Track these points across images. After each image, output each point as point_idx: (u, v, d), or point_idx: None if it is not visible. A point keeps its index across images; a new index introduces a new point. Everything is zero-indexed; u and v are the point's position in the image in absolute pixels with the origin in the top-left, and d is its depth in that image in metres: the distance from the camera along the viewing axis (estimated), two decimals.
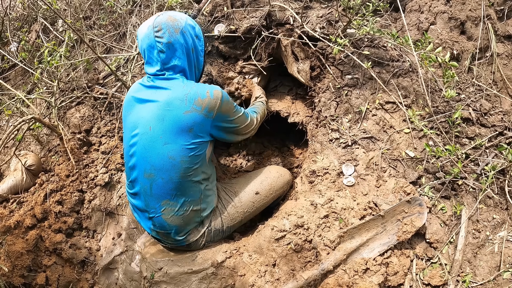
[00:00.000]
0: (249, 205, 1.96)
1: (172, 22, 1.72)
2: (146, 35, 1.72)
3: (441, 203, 2.01)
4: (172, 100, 1.69)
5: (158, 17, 1.73)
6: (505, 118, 2.14)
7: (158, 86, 1.75)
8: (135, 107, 1.81)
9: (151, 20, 1.75)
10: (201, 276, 1.86)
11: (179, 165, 1.72)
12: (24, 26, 2.84)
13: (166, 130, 1.69)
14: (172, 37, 1.71)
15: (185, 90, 1.70)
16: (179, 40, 1.73)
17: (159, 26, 1.70)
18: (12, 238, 2.09)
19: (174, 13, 1.81)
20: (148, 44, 1.72)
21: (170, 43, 1.71)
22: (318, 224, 1.90)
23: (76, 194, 2.22)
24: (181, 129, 1.69)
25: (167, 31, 1.70)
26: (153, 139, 1.72)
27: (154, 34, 1.70)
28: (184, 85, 1.72)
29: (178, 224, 1.81)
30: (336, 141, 2.18)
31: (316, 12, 2.36)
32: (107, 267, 2.09)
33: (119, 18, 2.62)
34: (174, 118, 1.68)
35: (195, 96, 1.69)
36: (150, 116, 1.72)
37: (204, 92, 1.71)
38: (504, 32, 2.28)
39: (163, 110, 1.70)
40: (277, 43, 2.37)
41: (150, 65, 1.79)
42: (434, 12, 2.30)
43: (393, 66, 2.21)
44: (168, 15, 1.75)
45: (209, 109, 1.71)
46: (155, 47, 1.71)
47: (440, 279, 1.86)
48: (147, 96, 1.76)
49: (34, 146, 2.53)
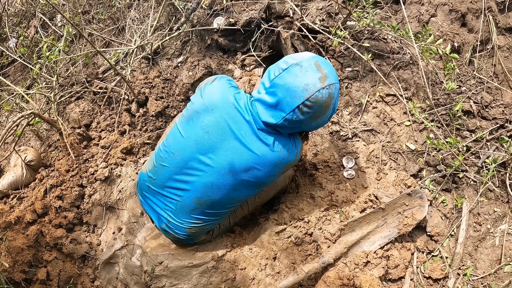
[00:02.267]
0: (252, 200, 1.96)
1: (325, 108, 1.48)
2: (295, 92, 1.43)
3: (442, 196, 2.00)
4: (265, 163, 1.57)
5: (321, 91, 1.42)
6: (506, 111, 2.13)
7: (257, 133, 1.56)
8: (223, 127, 1.58)
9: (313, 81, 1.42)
10: (201, 270, 1.86)
11: (236, 202, 1.72)
12: (23, 22, 2.83)
13: (243, 182, 1.61)
14: (310, 120, 1.49)
15: (280, 155, 1.57)
16: (311, 124, 1.55)
17: (313, 104, 1.43)
18: (12, 233, 2.08)
19: (336, 91, 1.50)
20: (288, 101, 1.45)
21: (303, 122, 1.50)
22: (319, 217, 1.90)
23: (76, 189, 2.21)
24: (257, 185, 1.65)
25: (312, 113, 1.46)
26: (225, 183, 1.62)
27: (301, 103, 1.43)
28: (281, 147, 1.57)
29: (197, 235, 1.83)
30: (336, 134, 2.17)
31: (316, 5, 2.34)
32: (107, 262, 2.08)
33: (117, 12, 2.61)
34: (258, 177, 1.60)
35: (285, 161, 1.60)
36: (235, 161, 1.58)
37: (294, 156, 1.62)
38: (505, 25, 2.26)
39: (252, 166, 1.57)
40: (276, 36, 2.36)
41: (266, 104, 1.53)
42: (434, 4, 2.28)
43: (393, 59, 2.20)
44: (329, 95, 1.45)
45: (288, 167, 1.67)
46: (289, 112, 1.47)
47: (441, 272, 1.85)
48: (242, 132, 1.57)
49: (34, 141, 2.53)
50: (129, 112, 2.39)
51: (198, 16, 2.39)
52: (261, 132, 1.56)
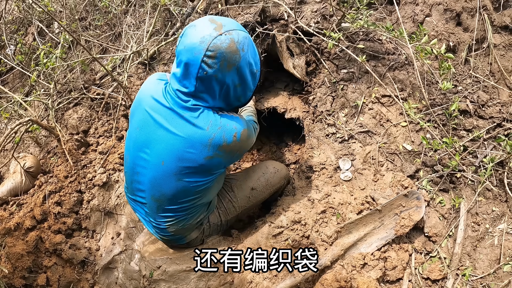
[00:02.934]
0: (245, 200, 1.96)
1: (231, 54, 1.38)
2: (193, 47, 1.37)
3: (439, 196, 1.99)
4: (193, 143, 1.49)
5: (218, 38, 1.35)
6: (503, 110, 2.12)
7: (180, 114, 1.49)
8: (148, 120, 1.57)
9: (208, 32, 1.37)
10: (199, 274, 1.86)
11: (192, 194, 1.65)
12: (21, 29, 2.86)
13: (182, 170, 1.55)
14: (220, 72, 1.40)
15: (209, 133, 1.48)
16: (227, 77, 1.43)
17: (215, 52, 1.36)
18: (12, 240, 2.10)
19: (239, 35, 1.42)
20: (191, 60, 1.39)
21: (215, 77, 1.41)
22: (316, 220, 1.89)
23: (75, 195, 2.22)
24: (199, 170, 1.56)
25: (219, 63, 1.37)
26: (166, 174, 1.58)
27: (203, 56, 1.36)
28: (210, 125, 1.48)
29: (181, 232, 1.83)
30: (332, 136, 2.17)
31: (311, 7, 2.34)
32: (107, 267, 2.09)
33: (114, 18, 2.63)
34: (193, 161, 1.52)
35: (220, 141, 1.49)
36: (165, 150, 1.54)
37: (231, 137, 1.50)
38: (501, 23, 2.26)
39: (181, 150, 1.51)
40: (272, 39, 2.37)
41: (178, 78, 1.48)
42: (429, 4, 2.28)
43: (388, 59, 2.20)
44: (231, 39, 1.37)
45: (233, 152, 1.56)
46: (196, 70, 1.39)
47: (440, 273, 1.84)
48: (164, 119, 1.52)
49: (33, 148, 2.55)
50: (126, 117, 2.41)
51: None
52: (185, 111, 1.49)
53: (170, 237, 1.84)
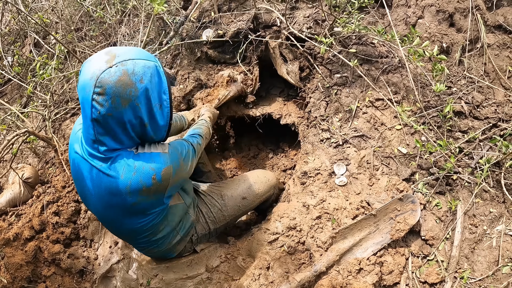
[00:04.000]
0: (235, 208, 1.96)
1: (122, 88, 1.20)
2: (85, 85, 1.22)
3: (435, 199, 1.98)
4: (114, 193, 1.36)
5: (107, 71, 1.20)
6: (498, 110, 2.11)
7: (93, 165, 1.35)
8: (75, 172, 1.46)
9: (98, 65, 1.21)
10: (196, 281, 1.87)
11: (143, 232, 1.57)
12: (18, 41, 2.89)
13: (119, 215, 1.46)
14: (115, 109, 1.22)
15: (125, 181, 1.32)
16: (124, 115, 1.25)
17: (103, 88, 1.19)
18: (11, 250, 2.12)
19: (136, 64, 1.24)
20: (83, 98, 1.24)
21: (109, 115, 1.23)
22: (311, 226, 1.89)
23: (73, 205, 2.24)
24: (134, 213, 1.46)
25: (110, 100, 1.20)
26: (108, 220, 1.54)
27: (92, 93, 1.20)
28: (123, 172, 1.32)
29: (163, 252, 1.82)
30: (327, 141, 2.17)
31: (303, 12, 2.35)
32: (105, 276, 2.11)
33: (109, 29, 2.65)
34: (122, 208, 1.42)
35: (138, 186, 1.34)
36: (96, 202, 1.45)
37: (150, 180, 1.34)
38: (494, 22, 2.25)
39: (107, 201, 1.40)
40: (265, 46, 2.38)
41: (84, 125, 1.33)
42: (421, 5, 2.27)
43: (382, 63, 2.20)
44: (123, 71, 1.21)
45: (160, 191, 1.41)
46: (90, 111, 1.23)
47: (437, 276, 1.83)
48: (85, 172, 1.39)
49: (31, 158, 2.57)
50: None
51: (187, 30, 2.41)
52: (97, 162, 1.34)
53: (156, 255, 1.86)
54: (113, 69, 1.20)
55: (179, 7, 2.49)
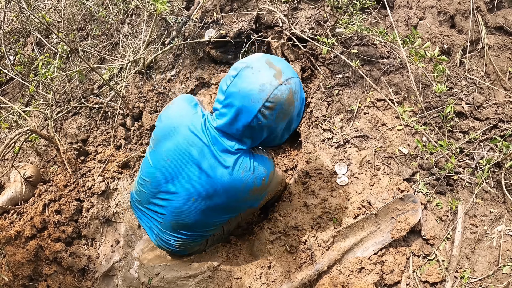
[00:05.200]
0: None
1: (288, 105, 1.35)
2: (251, 95, 1.31)
3: (436, 199, 1.99)
4: (227, 188, 1.47)
5: (278, 88, 1.30)
6: (499, 111, 2.12)
7: (218, 156, 1.44)
8: (182, 153, 1.50)
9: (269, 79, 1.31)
10: (198, 280, 1.87)
11: (211, 226, 1.68)
12: (20, 40, 2.90)
13: (211, 208, 1.54)
14: (275, 123, 1.37)
15: (243, 179, 1.45)
16: (280, 126, 1.42)
17: (274, 104, 1.32)
18: (12, 248, 2.13)
19: (296, 86, 1.39)
20: (246, 108, 1.33)
21: (268, 127, 1.38)
22: (312, 225, 1.90)
23: (74, 203, 2.25)
24: (227, 210, 1.58)
25: (276, 114, 1.34)
26: (193, 209, 1.57)
27: (261, 106, 1.31)
28: (245, 170, 1.45)
29: (187, 249, 1.85)
30: (328, 141, 2.18)
31: (305, 13, 2.36)
32: (106, 274, 2.11)
33: (111, 28, 2.66)
34: (224, 203, 1.52)
35: (252, 185, 1.48)
36: (197, 188, 1.50)
37: (261, 180, 1.49)
38: (495, 24, 2.26)
39: (213, 192, 1.48)
40: (267, 46, 2.39)
41: (226, 121, 1.42)
42: (422, 7, 2.29)
43: (383, 63, 2.21)
44: (289, 91, 1.33)
45: (261, 193, 1.56)
46: (250, 119, 1.34)
47: (438, 276, 1.84)
48: (201, 157, 1.46)
49: (33, 157, 2.58)
50: (124, 126, 2.43)
51: (189, 30, 2.42)
52: (221, 154, 1.44)
53: (174, 250, 1.86)
54: (283, 87, 1.32)
55: (182, 7, 2.50)
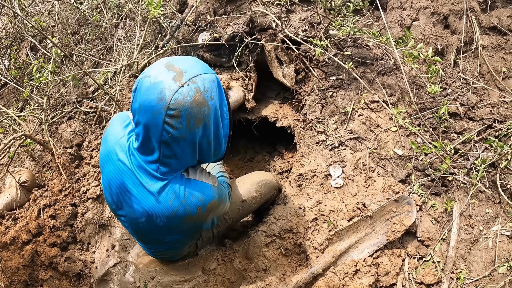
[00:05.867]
0: (236, 211, 1.96)
1: (197, 108, 1.14)
2: (151, 106, 1.13)
3: (431, 200, 1.99)
4: (157, 215, 1.34)
5: (179, 91, 1.12)
6: (493, 111, 2.12)
7: (143, 183, 1.31)
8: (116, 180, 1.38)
9: (167, 84, 1.12)
10: (193, 284, 1.87)
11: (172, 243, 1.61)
12: (14, 44, 2.90)
13: (161, 230, 1.44)
14: (188, 131, 1.18)
15: (172, 207, 1.31)
16: (197, 136, 1.21)
17: (178, 111, 1.12)
18: (8, 253, 2.12)
19: (204, 80, 1.18)
20: (150, 122, 1.16)
21: (182, 137, 1.18)
22: (307, 228, 1.90)
23: (69, 208, 2.24)
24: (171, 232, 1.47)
25: (185, 122, 1.14)
26: (147, 230, 1.47)
27: (165, 116, 1.13)
28: (172, 198, 1.30)
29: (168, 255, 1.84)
30: (322, 143, 2.17)
31: (299, 15, 2.36)
32: (102, 279, 2.11)
33: (105, 32, 2.66)
34: (162, 227, 1.40)
35: (184, 214, 1.34)
36: (137, 213, 1.39)
37: (196, 209, 1.33)
38: (489, 24, 2.26)
39: (149, 218, 1.37)
40: (261, 49, 2.38)
41: (140, 142, 1.26)
42: (416, 8, 2.29)
43: (377, 65, 2.21)
44: (195, 91, 1.14)
45: (200, 220, 1.42)
46: (159, 134, 1.17)
47: (434, 277, 1.84)
48: (131, 183, 1.34)
49: (28, 162, 2.57)
50: None
51: (183, 33, 2.42)
52: (147, 180, 1.30)
53: (162, 258, 1.87)
54: (185, 89, 1.12)
55: (175, 11, 2.50)
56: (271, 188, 2.05)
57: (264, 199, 2.03)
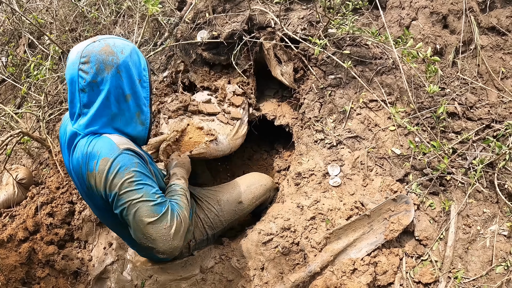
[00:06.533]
0: (231, 213, 1.96)
1: (105, 55, 1.31)
2: (71, 63, 1.33)
3: (429, 200, 1.99)
4: (74, 173, 1.40)
5: (91, 44, 1.33)
6: (491, 111, 2.12)
7: (69, 143, 1.41)
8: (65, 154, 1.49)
9: (82, 44, 1.35)
10: (190, 282, 1.86)
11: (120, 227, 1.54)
12: (12, 41, 2.88)
13: (96, 206, 1.46)
14: (99, 75, 1.31)
15: (79, 160, 1.34)
16: (108, 81, 1.32)
17: (88, 57, 1.30)
18: (5, 251, 2.12)
19: (116, 41, 1.38)
20: (71, 75, 1.33)
21: (94, 82, 1.31)
22: (305, 226, 1.90)
23: (67, 206, 2.24)
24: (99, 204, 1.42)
25: (95, 66, 1.30)
26: (95, 209, 1.53)
27: (79, 65, 1.30)
28: (80, 150, 1.34)
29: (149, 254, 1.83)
30: (321, 142, 2.17)
31: (297, 14, 2.36)
32: (99, 277, 2.10)
33: (103, 29, 2.65)
34: (86, 195, 1.42)
35: (85, 169, 1.32)
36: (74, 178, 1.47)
37: (92, 164, 1.29)
38: (488, 24, 2.26)
39: (78, 181, 1.42)
40: (259, 47, 2.38)
41: (71, 103, 1.38)
42: (415, 7, 2.29)
43: (376, 64, 2.21)
44: (105, 43, 1.34)
45: (97, 187, 1.31)
46: (77, 82, 1.32)
47: (431, 276, 1.84)
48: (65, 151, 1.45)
49: (25, 159, 2.56)
50: None
51: (181, 31, 2.41)
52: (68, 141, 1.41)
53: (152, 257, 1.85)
54: (96, 43, 1.34)
55: (174, 8, 2.49)
56: (266, 190, 2.04)
57: (260, 200, 2.03)
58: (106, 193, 1.29)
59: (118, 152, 1.28)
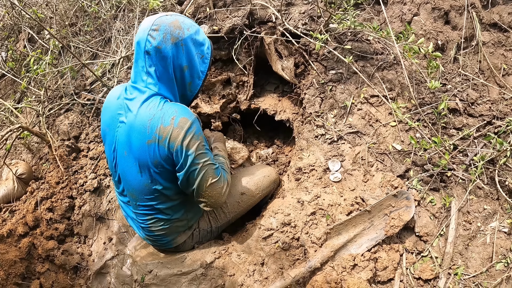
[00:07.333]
0: (235, 205, 1.95)
1: (173, 28, 1.50)
2: (143, 29, 1.52)
3: (430, 196, 1.99)
4: (135, 125, 1.54)
5: (164, 16, 1.53)
6: (493, 107, 2.11)
7: (130, 99, 1.57)
8: (114, 118, 1.64)
9: (156, 15, 1.55)
10: (190, 278, 1.86)
11: (157, 192, 1.65)
12: (12, 36, 2.87)
13: (136, 159, 1.58)
14: (163, 43, 1.49)
15: (150, 114, 1.51)
16: (170, 50, 1.50)
17: (158, 26, 1.49)
18: (5, 246, 2.11)
19: (186, 20, 1.57)
20: (140, 38, 1.52)
21: (159, 48, 1.49)
22: (305, 221, 1.89)
23: (66, 201, 2.23)
24: (147, 159, 1.56)
25: (162, 35, 1.48)
26: (129, 165, 1.63)
27: (149, 31, 1.49)
28: (151, 107, 1.52)
29: (165, 233, 1.82)
30: (321, 137, 2.16)
31: (299, 9, 2.34)
32: (99, 272, 2.10)
33: (103, 24, 2.63)
34: (139, 147, 1.55)
35: (158, 122, 1.50)
36: (123, 140, 1.61)
37: (169, 119, 1.49)
38: (490, 20, 2.25)
39: (129, 135, 1.56)
40: (260, 42, 2.37)
41: (136, 63, 1.59)
42: (417, 3, 2.27)
43: (377, 59, 2.20)
44: (175, 19, 1.53)
45: (170, 140, 1.50)
46: (145, 45, 1.51)
47: (431, 272, 1.84)
48: (122, 110, 1.60)
49: (25, 154, 2.56)
50: None
51: None
52: (134, 92, 1.58)
53: (155, 237, 1.84)
54: (168, 16, 1.53)
55: (174, 3, 2.48)
56: (271, 182, 2.04)
57: (264, 192, 2.03)
58: (178, 149, 1.50)
59: (194, 117, 1.54)
